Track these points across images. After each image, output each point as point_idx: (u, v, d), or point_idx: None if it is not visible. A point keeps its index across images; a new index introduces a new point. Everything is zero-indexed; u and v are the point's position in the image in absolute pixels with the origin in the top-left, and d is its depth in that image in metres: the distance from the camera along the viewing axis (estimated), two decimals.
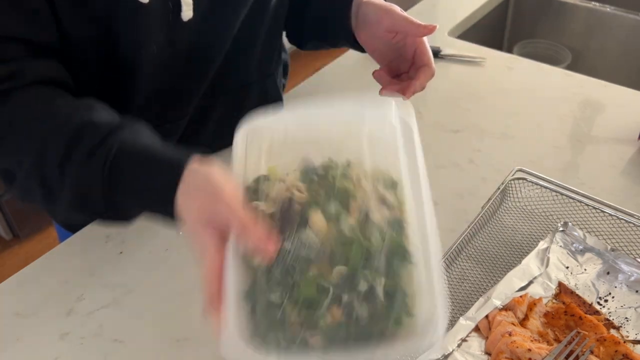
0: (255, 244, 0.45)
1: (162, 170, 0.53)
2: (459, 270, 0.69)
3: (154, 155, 0.55)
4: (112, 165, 0.54)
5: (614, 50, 1.38)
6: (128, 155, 0.55)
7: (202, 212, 0.48)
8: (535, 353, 0.57)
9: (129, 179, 0.54)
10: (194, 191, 0.50)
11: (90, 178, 0.54)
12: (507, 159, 0.87)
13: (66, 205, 0.58)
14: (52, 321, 0.66)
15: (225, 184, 0.48)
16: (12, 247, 2.04)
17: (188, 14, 0.68)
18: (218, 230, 0.47)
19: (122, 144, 0.55)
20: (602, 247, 0.68)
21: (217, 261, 0.46)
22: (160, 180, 0.52)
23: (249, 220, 0.46)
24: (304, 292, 0.44)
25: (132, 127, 0.57)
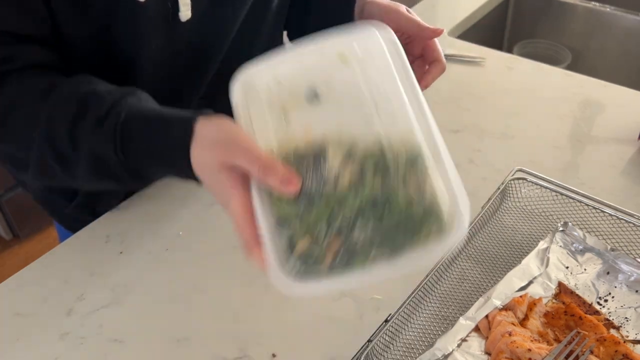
0: (277, 182, 0.45)
1: (173, 126, 0.53)
2: (459, 270, 0.69)
3: (163, 114, 0.55)
4: (123, 129, 0.54)
5: (614, 50, 1.38)
6: (137, 118, 0.55)
7: (220, 160, 0.48)
8: (535, 353, 0.57)
9: (141, 140, 0.55)
10: (209, 141, 0.50)
11: (103, 144, 0.55)
12: (507, 159, 0.87)
13: (86, 175, 0.58)
14: (52, 321, 0.66)
15: (238, 130, 0.49)
16: (12, 247, 2.04)
17: (186, 14, 0.68)
18: (239, 174, 0.47)
19: (130, 107, 0.55)
20: (602, 247, 0.68)
21: (245, 204, 0.46)
22: (173, 136, 0.53)
23: (269, 160, 0.46)
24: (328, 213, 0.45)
25: (135, 93, 0.58)
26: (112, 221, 0.79)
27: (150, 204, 0.81)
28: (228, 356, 0.62)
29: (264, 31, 0.81)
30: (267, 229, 0.45)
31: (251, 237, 0.46)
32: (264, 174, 0.46)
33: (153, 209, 0.80)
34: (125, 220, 0.78)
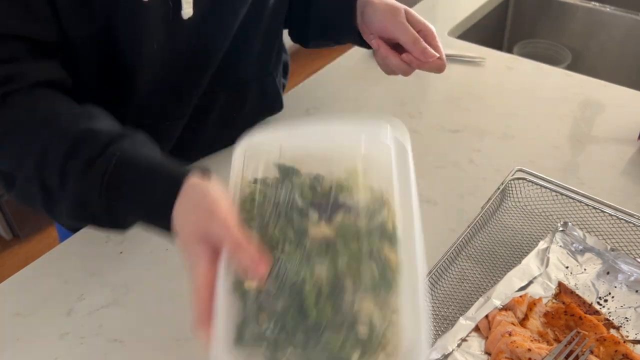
0: (247, 264, 0.45)
1: (161, 182, 0.53)
2: (459, 270, 0.69)
3: (154, 167, 0.55)
4: (112, 175, 0.54)
5: (614, 50, 1.38)
6: (128, 166, 0.55)
7: (197, 227, 0.48)
8: (535, 353, 0.57)
9: (128, 190, 0.54)
10: (191, 206, 0.50)
11: (90, 187, 0.55)
12: (507, 159, 0.87)
13: (66, 211, 0.58)
14: (52, 321, 0.66)
15: (221, 202, 0.49)
16: (12, 247, 2.04)
17: (188, 12, 0.68)
18: (211, 246, 0.47)
19: (123, 154, 0.55)
20: (602, 247, 0.68)
21: (208, 277, 0.46)
22: (160, 192, 0.53)
23: (243, 239, 0.46)
24: (290, 321, 0.45)
25: (132, 137, 0.57)
26: None
27: None
28: None
29: (263, 29, 0.81)
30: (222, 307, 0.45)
31: (204, 311, 0.45)
32: (234, 250, 0.45)
33: None
34: None
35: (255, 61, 0.84)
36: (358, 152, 0.53)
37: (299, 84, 1.04)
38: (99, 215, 0.56)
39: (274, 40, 0.86)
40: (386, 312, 0.45)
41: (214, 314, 0.45)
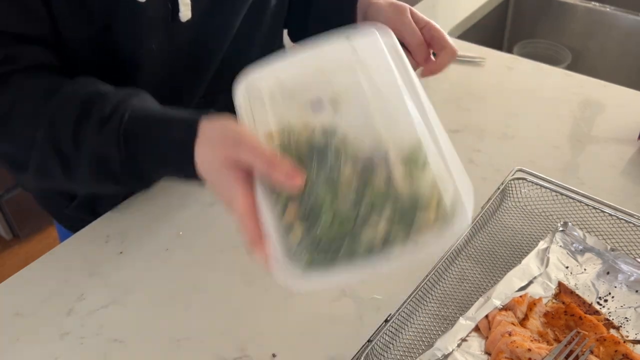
0: (282, 178, 0.45)
1: (176, 126, 0.53)
2: (458, 270, 0.69)
3: (167, 115, 0.55)
4: (126, 129, 0.54)
5: (614, 50, 1.38)
6: (141, 118, 0.55)
7: (225, 156, 0.48)
8: (535, 353, 0.57)
9: (144, 140, 0.55)
10: (213, 140, 0.51)
11: (106, 145, 0.55)
12: (507, 159, 0.87)
13: (87, 176, 0.58)
14: (52, 321, 0.66)
15: (244, 129, 0.50)
16: (12, 247, 2.04)
17: (186, 14, 0.68)
18: (243, 172, 0.48)
19: (134, 108, 0.55)
20: (602, 247, 0.68)
21: (249, 202, 0.47)
22: (177, 136, 0.53)
23: (273, 156, 0.46)
24: (330, 199, 0.46)
25: (140, 94, 0.58)
26: (112, 221, 0.79)
27: (150, 204, 0.81)
28: (228, 356, 0.62)
29: (263, 30, 0.81)
30: (271, 225, 0.46)
31: (255, 233, 0.46)
32: (268, 168, 0.46)
33: (153, 209, 0.80)
34: (125, 220, 0.78)
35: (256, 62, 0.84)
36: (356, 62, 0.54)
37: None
38: (120, 173, 0.56)
39: (274, 41, 0.86)
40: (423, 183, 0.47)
41: (265, 233, 0.45)
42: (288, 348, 0.63)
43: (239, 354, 0.62)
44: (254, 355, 0.62)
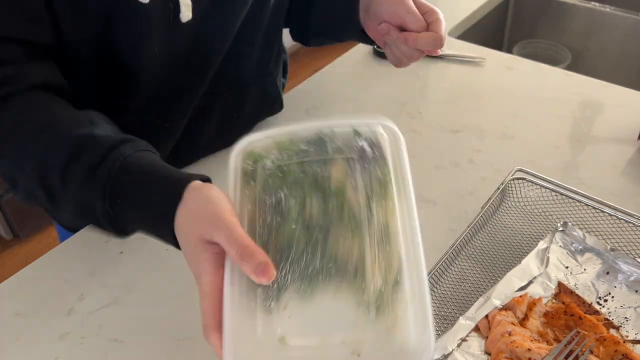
0: (253, 269, 0.45)
1: (163, 189, 0.53)
2: (458, 270, 0.69)
3: (156, 173, 0.55)
4: (114, 182, 0.54)
5: (614, 51, 1.38)
6: (129, 172, 0.55)
7: (200, 235, 0.48)
8: (535, 353, 0.57)
9: (130, 196, 0.54)
10: (192, 214, 0.50)
11: (92, 193, 0.55)
12: (507, 159, 0.87)
13: (69, 213, 0.58)
14: (52, 321, 0.66)
15: (225, 208, 0.48)
16: (12, 247, 2.04)
17: (187, 15, 0.68)
18: (216, 251, 0.47)
19: (124, 160, 0.55)
20: (602, 247, 0.68)
21: (215, 283, 0.46)
22: (161, 199, 0.52)
23: (249, 245, 0.46)
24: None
25: (132, 143, 0.57)
26: None
27: None
28: None
29: (262, 29, 0.81)
30: (230, 314, 0.45)
31: (213, 320, 0.46)
32: (240, 258, 0.45)
33: None
34: None
35: (256, 62, 0.84)
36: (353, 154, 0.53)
37: (299, 84, 1.04)
38: (101, 220, 0.56)
39: (274, 40, 0.86)
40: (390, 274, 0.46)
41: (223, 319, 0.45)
42: None
43: None
44: None
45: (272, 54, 0.87)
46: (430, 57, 1.14)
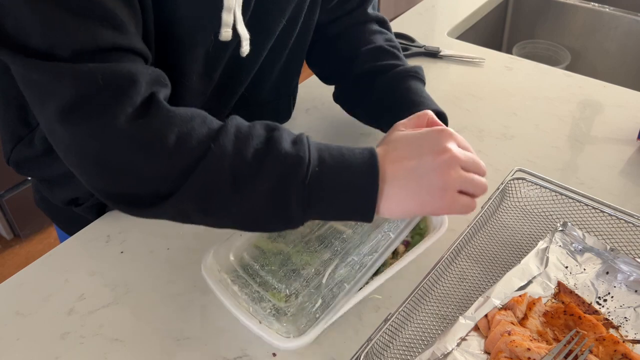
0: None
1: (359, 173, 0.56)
2: (458, 270, 0.69)
3: (342, 150, 0.57)
4: (317, 149, 0.56)
5: (613, 51, 1.38)
6: (323, 148, 0.57)
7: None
8: (535, 352, 0.57)
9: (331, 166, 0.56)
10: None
11: (296, 158, 0.55)
12: (507, 159, 0.87)
13: (258, 200, 0.55)
14: (52, 321, 0.66)
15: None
16: (13, 246, 2.05)
17: (246, 49, 0.69)
18: None
19: (314, 143, 0.57)
20: (602, 247, 0.68)
21: None
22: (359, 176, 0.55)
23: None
24: None
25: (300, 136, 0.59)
26: (112, 221, 0.79)
27: None
28: (228, 356, 0.62)
29: (283, 58, 0.82)
30: None
31: None
32: None
33: None
34: (126, 220, 0.79)
35: (272, 85, 0.85)
36: None
37: (299, 84, 1.04)
38: (297, 196, 0.55)
39: (295, 66, 0.87)
40: None
41: None
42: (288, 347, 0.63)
43: (239, 353, 0.62)
44: (254, 355, 0.62)
45: (291, 79, 0.88)
46: (430, 57, 1.14)
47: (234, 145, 0.55)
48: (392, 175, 0.56)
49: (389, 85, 0.80)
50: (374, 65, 0.82)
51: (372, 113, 0.83)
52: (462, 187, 0.57)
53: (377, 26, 0.88)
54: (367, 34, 0.86)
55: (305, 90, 1.03)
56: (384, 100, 0.80)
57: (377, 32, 0.87)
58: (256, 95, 0.83)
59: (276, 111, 0.90)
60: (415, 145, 0.58)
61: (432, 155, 0.56)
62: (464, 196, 0.58)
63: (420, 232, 0.68)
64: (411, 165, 0.56)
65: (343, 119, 0.88)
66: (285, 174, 0.55)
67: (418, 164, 0.56)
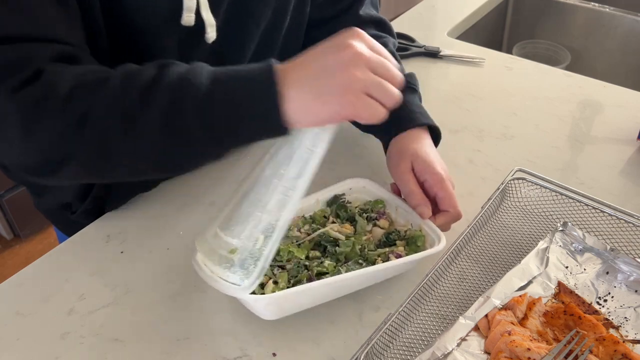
0: None
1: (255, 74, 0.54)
2: (458, 270, 0.69)
3: (238, 70, 0.56)
4: (213, 80, 0.55)
5: (613, 51, 1.38)
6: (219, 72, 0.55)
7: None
8: (535, 352, 0.57)
9: (227, 90, 0.54)
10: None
11: (185, 92, 0.54)
12: (507, 159, 0.87)
13: (152, 133, 0.55)
14: (52, 321, 0.66)
15: None
16: (13, 246, 2.04)
17: (212, 35, 0.68)
18: None
19: (208, 67, 0.56)
20: (602, 247, 0.68)
21: None
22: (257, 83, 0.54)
23: None
24: None
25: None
26: (112, 221, 0.79)
27: (150, 204, 0.81)
28: (228, 356, 0.62)
29: (276, 52, 0.81)
30: None
31: None
32: None
33: (153, 209, 0.80)
34: (126, 220, 0.79)
35: None
36: None
37: None
38: (194, 127, 0.54)
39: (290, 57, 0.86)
40: None
41: None
42: (288, 347, 0.63)
43: (239, 353, 0.62)
44: (254, 355, 0.62)
45: None
46: (430, 57, 1.14)
47: (121, 87, 0.55)
48: (293, 79, 0.54)
49: None
50: None
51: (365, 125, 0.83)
52: (368, 89, 0.54)
53: (374, 29, 0.86)
54: None
55: None
56: None
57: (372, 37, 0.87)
58: None
59: None
60: (320, 49, 0.56)
61: (335, 53, 0.54)
62: (372, 100, 0.55)
63: (417, 250, 0.68)
64: (314, 67, 0.54)
65: None
66: (175, 100, 0.54)
67: (321, 64, 0.54)
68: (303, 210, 0.71)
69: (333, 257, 0.66)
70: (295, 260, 0.65)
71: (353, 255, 0.66)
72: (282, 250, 0.65)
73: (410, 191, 0.70)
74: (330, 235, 0.68)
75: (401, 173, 0.71)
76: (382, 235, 0.70)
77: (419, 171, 0.71)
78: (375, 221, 0.71)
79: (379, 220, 0.71)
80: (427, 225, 0.69)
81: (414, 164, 0.71)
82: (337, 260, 0.66)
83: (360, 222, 0.70)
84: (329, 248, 0.67)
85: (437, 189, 0.69)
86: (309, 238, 0.68)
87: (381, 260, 0.66)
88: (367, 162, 0.87)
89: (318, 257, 0.66)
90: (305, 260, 0.65)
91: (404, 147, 0.73)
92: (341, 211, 0.72)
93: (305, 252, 0.66)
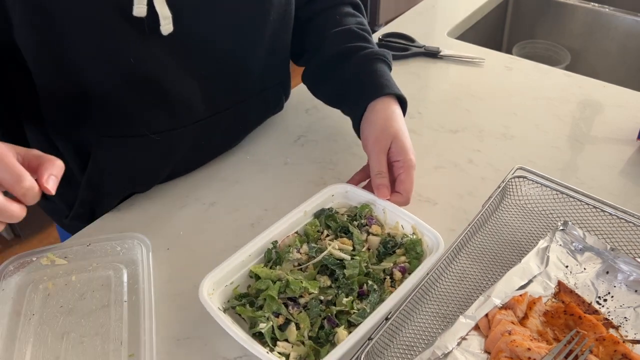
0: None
1: None
2: (458, 269, 0.69)
3: None
4: None
5: (613, 51, 1.38)
6: None
7: None
8: (535, 352, 0.57)
9: None
10: None
11: None
12: (507, 159, 0.87)
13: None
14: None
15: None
16: (13, 246, 2.04)
17: (167, 28, 0.67)
18: None
19: None
20: (602, 247, 0.68)
21: None
22: None
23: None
24: None
25: None
26: (112, 221, 0.79)
27: (150, 203, 0.81)
28: (228, 356, 0.62)
29: (263, 46, 0.80)
30: None
31: None
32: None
33: (153, 209, 0.80)
34: (125, 220, 0.79)
35: (257, 77, 0.83)
36: None
37: (299, 84, 1.04)
38: None
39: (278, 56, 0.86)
40: None
41: None
42: None
43: (239, 353, 0.62)
44: (253, 356, 0.62)
45: (276, 68, 0.87)
46: (430, 57, 1.14)
47: None
48: None
49: (356, 66, 0.81)
50: (343, 47, 0.83)
51: (337, 93, 0.85)
52: None
53: (351, 8, 0.89)
54: (338, 17, 0.87)
55: (306, 90, 1.03)
56: (350, 81, 0.81)
57: (350, 15, 0.88)
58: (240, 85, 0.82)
59: (266, 102, 0.89)
60: None
61: None
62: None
63: (417, 257, 0.68)
64: None
65: (343, 119, 0.88)
66: None
67: None
68: (293, 224, 0.71)
69: (344, 285, 0.64)
70: (310, 296, 0.63)
71: (359, 273, 0.65)
72: (293, 283, 0.63)
73: (380, 172, 0.73)
74: (333, 255, 0.67)
75: (378, 151, 0.74)
76: (378, 244, 0.70)
77: (394, 152, 0.74)
78: (367, 227, 0.72)
79: (371, 227, 0.71)
80: (420, 225, 0.69)
81: (393, 144, 0.74)
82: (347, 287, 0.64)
83: (356, 234, 0.70)
84: (337, 273, 0.65)
85: (403, 174, 0.73)
86: (314, 262, 0.67)
87: (385, 274, 0.66)
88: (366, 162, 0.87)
89: (330, 287, 0.65)
90: (319, 294, 0.64)
91: (387, 124, 0.75)
92: (330, 222, 0.72)
93: (318, 284, 0.64)
